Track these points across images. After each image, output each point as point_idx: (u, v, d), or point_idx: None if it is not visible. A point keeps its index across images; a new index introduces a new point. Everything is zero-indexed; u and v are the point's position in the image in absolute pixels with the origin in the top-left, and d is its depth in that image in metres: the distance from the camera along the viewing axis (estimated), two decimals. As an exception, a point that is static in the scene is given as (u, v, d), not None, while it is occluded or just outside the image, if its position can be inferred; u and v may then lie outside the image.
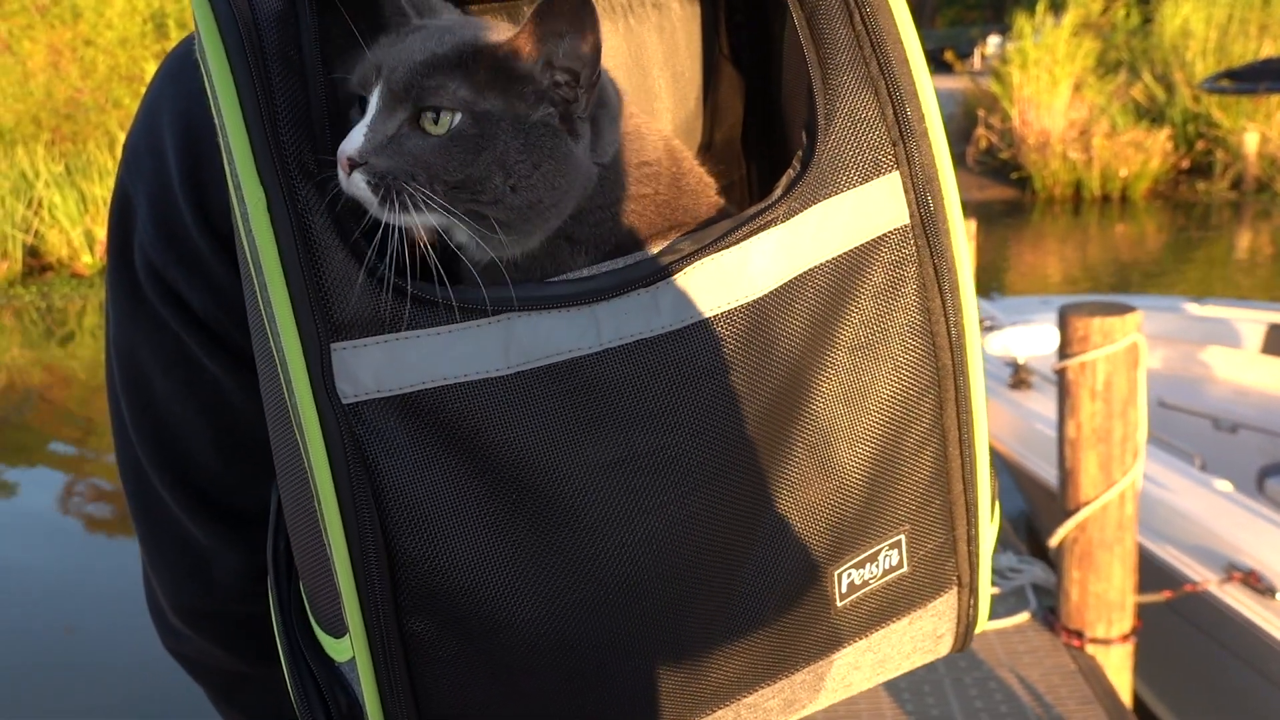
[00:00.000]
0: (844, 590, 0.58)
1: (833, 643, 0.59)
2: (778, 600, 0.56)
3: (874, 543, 0.58)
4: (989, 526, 0.61)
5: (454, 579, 0.50)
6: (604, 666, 0.53)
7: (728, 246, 0.52)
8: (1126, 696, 3.09)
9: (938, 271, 0.56)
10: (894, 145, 0.55)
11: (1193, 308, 5.62)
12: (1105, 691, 2.89)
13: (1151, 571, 3.32)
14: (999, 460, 4.77)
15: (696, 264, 0.52)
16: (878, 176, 0.55)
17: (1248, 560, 3.09)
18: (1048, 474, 3.65)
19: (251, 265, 0.51)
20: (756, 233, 0.52)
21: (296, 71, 0.50)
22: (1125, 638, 3.08)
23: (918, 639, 0.62)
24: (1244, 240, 12.87)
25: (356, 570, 0.49)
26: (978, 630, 0.63)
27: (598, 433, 0.51)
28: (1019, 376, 4.71)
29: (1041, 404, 4.23)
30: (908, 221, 0.55)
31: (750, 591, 0.55)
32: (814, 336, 0.54)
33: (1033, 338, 5.48)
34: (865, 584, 0.58)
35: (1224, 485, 3.45)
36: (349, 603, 0.50)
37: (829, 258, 0.54)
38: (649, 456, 0.51)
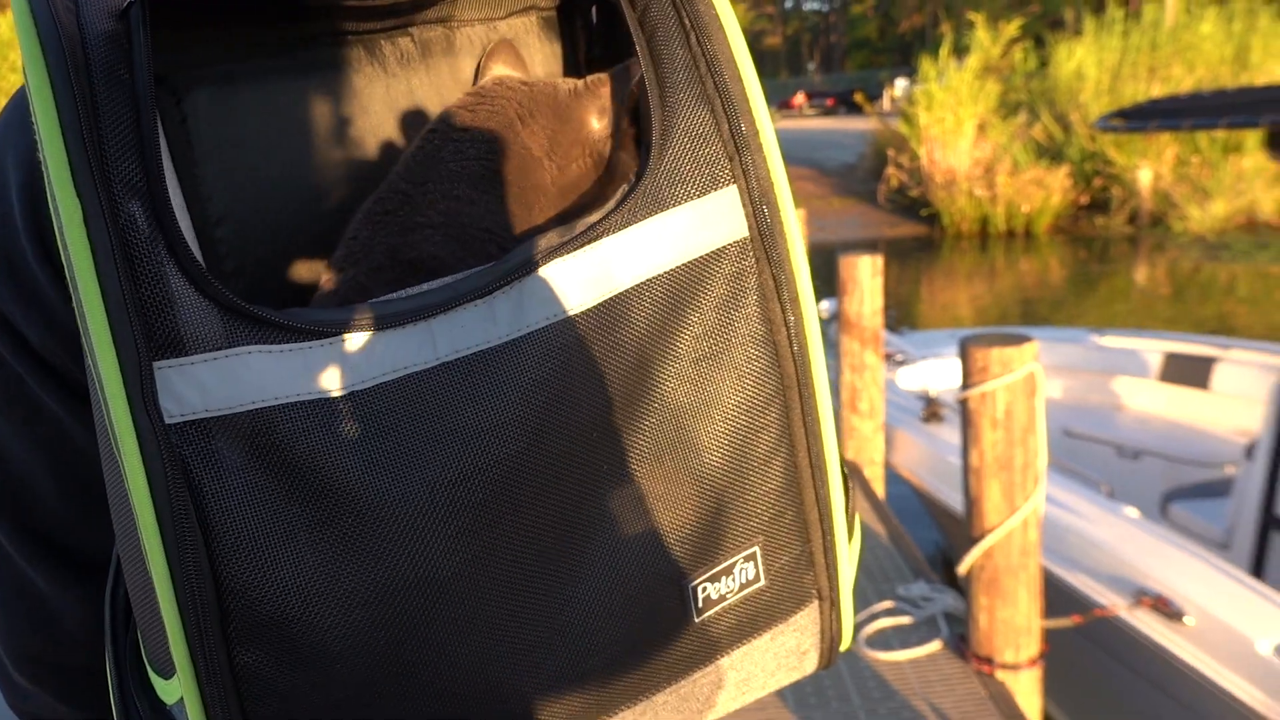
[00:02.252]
0: (700, 605, 0.57)
1: (693, 661, 0.58)
2: (632, 615, 0.55)
3: (728, 555, 0.57)
4: (846, 540, 0.61)
5: (287, 608, 0.48)
6: (451, 692, 0.52)
7: (561, 256, 0.52)
8: (1037, 721, 3.14)
9: (777, 282, 0.56)
10: (730, 159, 0.55)
11: (1095, 338, 5.80)
12: (1015, 717, 2.93)
13: (1063, 598, 3.38)
14: (913, 491, 4.85)
15: (531, 275, 0.51)
16: (715, 190, 0.55)
17: (1155, 585, 3.17)
18: (958, 504, 3.71)
19: (70, 283, 0.49)
20: (590, 243, 0.52)
21: (125, 90, 0.49)
22: (1033, 662, 3.13)
23: (781, 655, 0.61)
24: (1141, 272, 13.36)
25: (180, 599, 0.46)
26: (843, 648, 0.63)
27: (437, 450, 0.49)
28: (931, 410, 4.79)
29: (953, 435, 4.31)
30: (746, 234, 0.55)
31: (602, 606, 0.54)
32: (655, 346, 0.54)
33: (943, 371, 5.60)
34: (723, 599, 0.57)
35: (1131, 512, 3.54)
36: (173, 634, 0.47)
37: (667, 269, 0.54)
38: (491, 470, 0.50)
